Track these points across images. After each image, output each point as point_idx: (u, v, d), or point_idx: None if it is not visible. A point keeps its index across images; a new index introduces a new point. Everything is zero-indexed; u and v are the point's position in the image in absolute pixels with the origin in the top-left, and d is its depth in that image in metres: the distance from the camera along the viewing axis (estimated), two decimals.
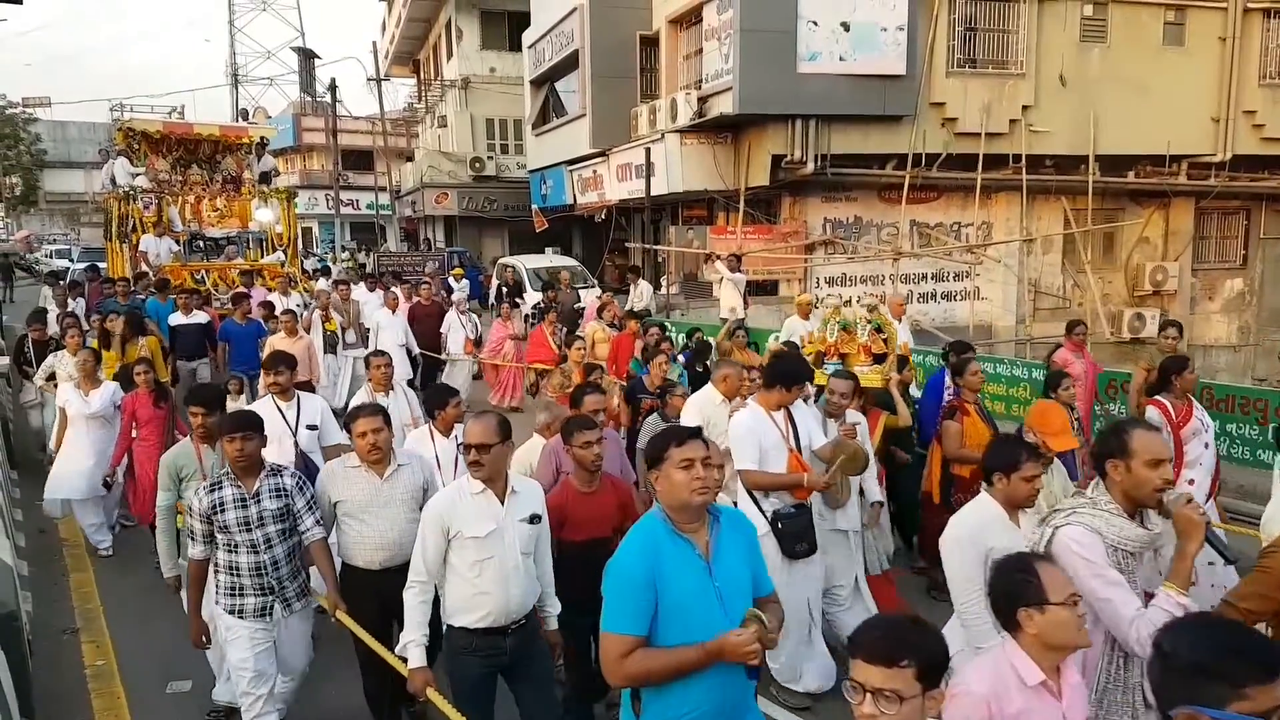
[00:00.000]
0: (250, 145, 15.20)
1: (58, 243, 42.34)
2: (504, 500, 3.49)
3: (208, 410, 4.75)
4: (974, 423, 5.75)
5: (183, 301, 10.51)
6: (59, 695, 4.88)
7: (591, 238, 23.07)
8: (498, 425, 3.47)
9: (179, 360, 10.21)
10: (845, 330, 6.36)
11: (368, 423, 4.08)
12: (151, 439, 6.41)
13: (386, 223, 31.01)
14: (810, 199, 15.68)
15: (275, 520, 3.97)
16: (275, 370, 5.64)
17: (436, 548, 3.44)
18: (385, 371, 6.19)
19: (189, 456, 4.71)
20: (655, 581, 2.55)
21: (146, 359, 7.17)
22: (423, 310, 12.16)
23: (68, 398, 6.95)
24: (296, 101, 39.70)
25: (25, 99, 48.45)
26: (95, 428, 6.88)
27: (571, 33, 19.32)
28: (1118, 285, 17.28)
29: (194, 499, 3.93)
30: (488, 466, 3.41)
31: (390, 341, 10.83)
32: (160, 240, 13.68)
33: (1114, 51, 15.87)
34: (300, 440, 5.47)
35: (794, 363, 5.04)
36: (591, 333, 10.73)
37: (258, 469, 4.00)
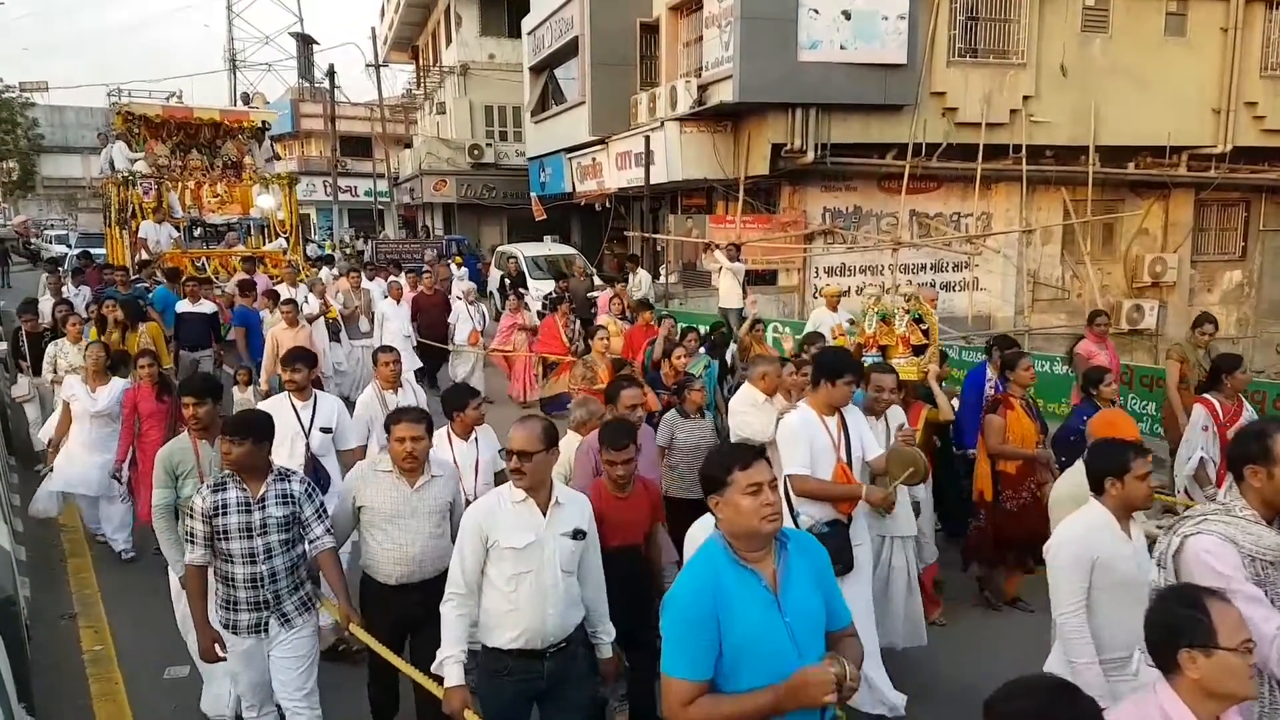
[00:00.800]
0: (251, 129, 15.00)
1: (56, 228, 42.23)
2: (546, 511, 3.29)
3: (198, 400, 4.49)
4: (1018, 418, 5.61)
5: (190, 289, 10.24)
6: (57, 680, 4.90)
7: (590, 226, 23.02)
8: (542, 431, 3.27)
9: (182, 349, 9.96)
10: (884, 321, 6.12)
11: (409, 429, 3.87)
12: (154, 433, 6.15)
13: (385, 210, 30.96)
14: (810, 188, 15.65)
15: (279, 529, 3.73)
16: (293, 367, 5.31)
17: (475, 557, 3.25)
18: (394, 369, 5.89)
19: (186, 452, 4.46)
20: (718, 618, 2.32)
21: (150, 350, 6.82)
22: (427, 300, 11.93)
23: (74, 392, 6.60)
24: (295, 87, 39.51)
25: (23, 83, 48.22)
26: (100, 425, 6.60)
27: (571, 19, 19.24)
28: (1117, 276, 17.28)
29: (195, 497, 3.73)
30: (530, 475, 3.23)
31: (396, 332, 10.72)
32: (160, 226, 13.51)
33: (1115, 42, 15.81)
34: (313, 443, 5.20)
35: (839, 355, 4.68)
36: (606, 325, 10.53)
37: (264, 472, 3.76)
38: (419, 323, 11.50)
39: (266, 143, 15.78)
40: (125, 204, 13.60)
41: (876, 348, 6.17)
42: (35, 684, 4.55)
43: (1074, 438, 5.67)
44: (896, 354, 6.07)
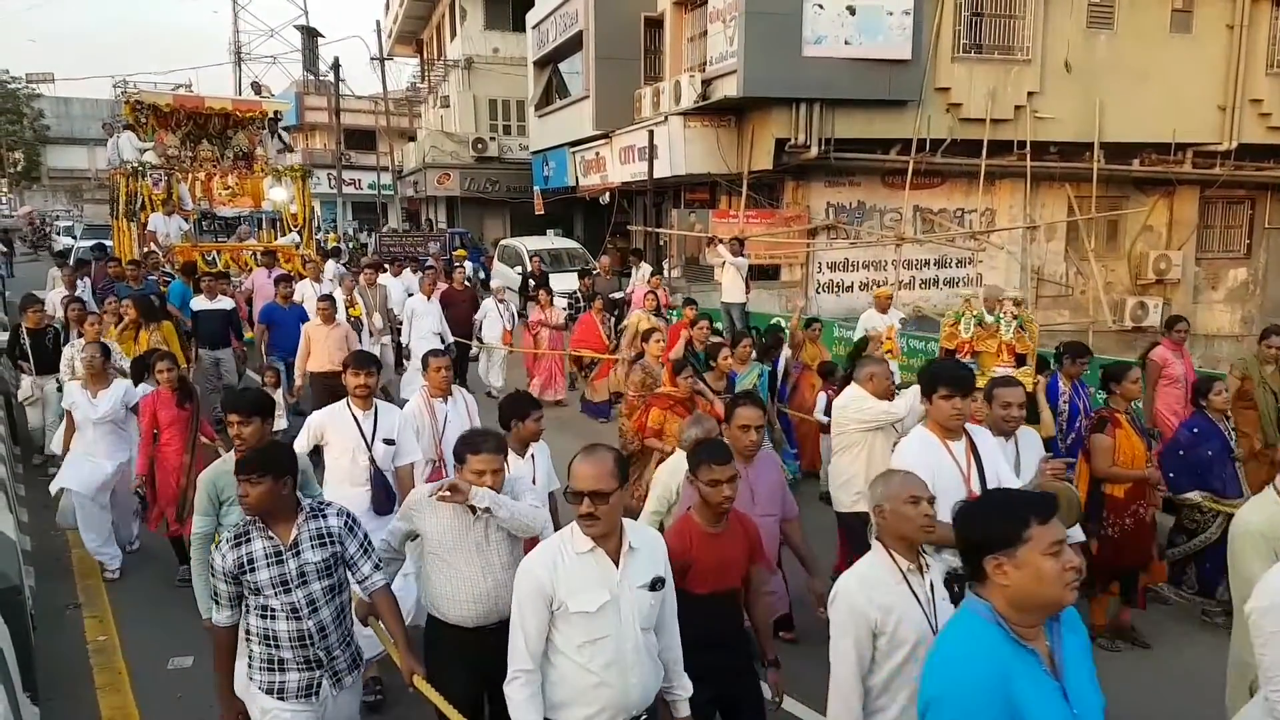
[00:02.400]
0: (263, 119, 14.62)
1: (61, 219, 42.30)
2: (619, 561, 2.77)
3: (244, 418, 3.95)
4: (1127, 435, 5.11)
5: (208, 285, 9.78)
6: (62, 670, 4.91)
7: (593, 220, 23.02)
8: (615, 466, 2.76)
9: (200, 348, 9.51)
10: (981, 325, 5.62)
11: (487, 462, 3.33)
12: (174, 443, 5.75)
13: (389, 203, 30.94)
14: (813, 183, 15.64)
15: (320, 575, 3.18)
16: (365, 370, 4.75)
17: (539, 624, 2.73)
18: (446, 375, 5.30)
19: (231, 476, 3.83)
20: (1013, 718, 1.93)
21: (168, 353, 6.32)
22: (456, 295, 11.42)
23: (74, 400, 6.11)
24: (299, 80, 39.50)
25: (29, 74, 48.38)
26: (104, 433, 6.07)
27: (576, 13, 19.21)
28: (1121, 274, 17.25)
29: (215, 555, 3.20)
30: (605, 520, 2.69)
31: (427, 330, 10.28)
32: (170, 219, 13.10)
33: (1120, 38, 15.77)
34: (376, 455, 4.73)
35: (942, 365, 4.10)
36: (636, 322, 10.00)
37: (291, 512, 3.21)
38: (446, 317, 10.83)
39: (279, 134, 15.47)
40: (134, 195, 13.17)
41: (970, 353, 5.62)
42: (40, 673, 4.58)
43: (1183, 452, 5.30)
44: (997, 362, 5.53)
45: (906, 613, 2.65)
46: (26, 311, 8.47)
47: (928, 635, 2.59)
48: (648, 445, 5.95)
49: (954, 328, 5.52)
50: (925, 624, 2.64)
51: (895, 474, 2.90)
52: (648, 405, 6.16)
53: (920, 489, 2.75)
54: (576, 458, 2.77)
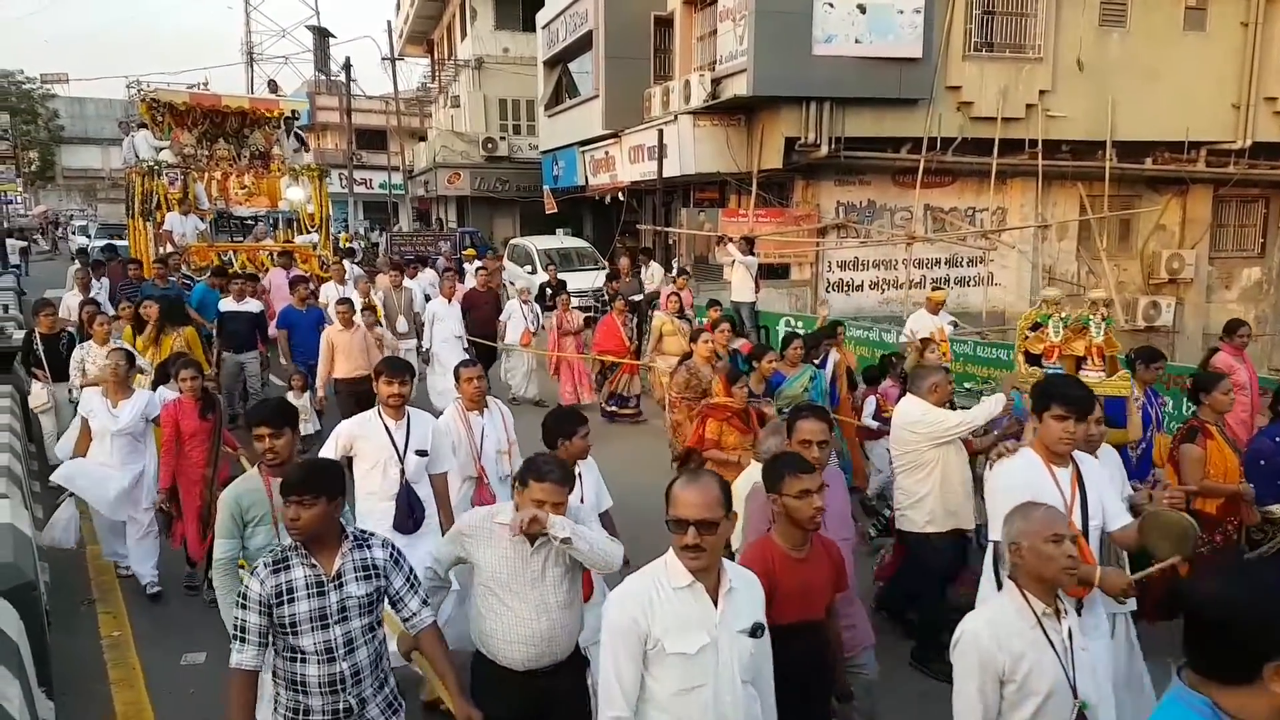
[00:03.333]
0: (280, 119, 14.45)
1: (75, 218, 42.58)
2: (718, 600, 2.52)
3: (275, 430, 3.65)
4: (1219, 448, 4.86)
5: (237, 288, 9.50)
6: (76, 665, 4.94)
7: (602, 219, 23.03)
8: (721, 491, 2.53)
9: (226, 351, 9.29)
10: (1070, 327, 5.28)
11: (550, 492, 3.05)
12: (196, 455, 5.48)
13: (399, 202, 31.04)
14: (823, 182, 15.61)
15: (362, 612, 2.90)
16: (400, 378, 4.51)
17: (634, 665, 2.47)
18: (479, 386, 5.10)
19: (257, 494, 3.67)
20: None
21: (192, 360, 5.98)
22: (479, 297, 11.17)
23: (92, 407, 5.76)
24: (311, 80, 39.65)
25: (44, 75, 48.73)
26: (122, 445, 5.75)
27: (585, 13, 19.23)
28: (1133, 273, 17.15)
29: (251, 581, 2.84)
30: (710, 552, 2.47)
31: (449, 333, 10.15)
32: (186, 219, 12.89)
33: (1133, 36, 15.67)
34: (408, 468, 4.49)
35: (1058, 380, 3.67)
36: (659, 324, 9.97)
37: (336, 540, 2.91)
38: (469, 320, 10.72)
39: (295, 133, 15.27)
40: (150, 195, 13.01)
41: (1059, 358, 5.28)
42: (54, 668, 4.60)
43: (1264, 461, 5.03)
44: (1086, 366, 5.21)
45: (1040, 661, 2.47)
46: (39, 315, 8.21)
47: (1063, 686, 2.46)
48: (708, 457, 5.83)
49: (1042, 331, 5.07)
50: (1060, 674, 2.48)
51: (1036, 508, 2.65)
52: (704, 416, 5.96)
53: (1063, 526, 2.55)
54: (678, 483, 2.57)
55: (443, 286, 10.79)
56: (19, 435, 7.77)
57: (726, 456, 5.72)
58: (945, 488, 4.74)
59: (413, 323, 10.56)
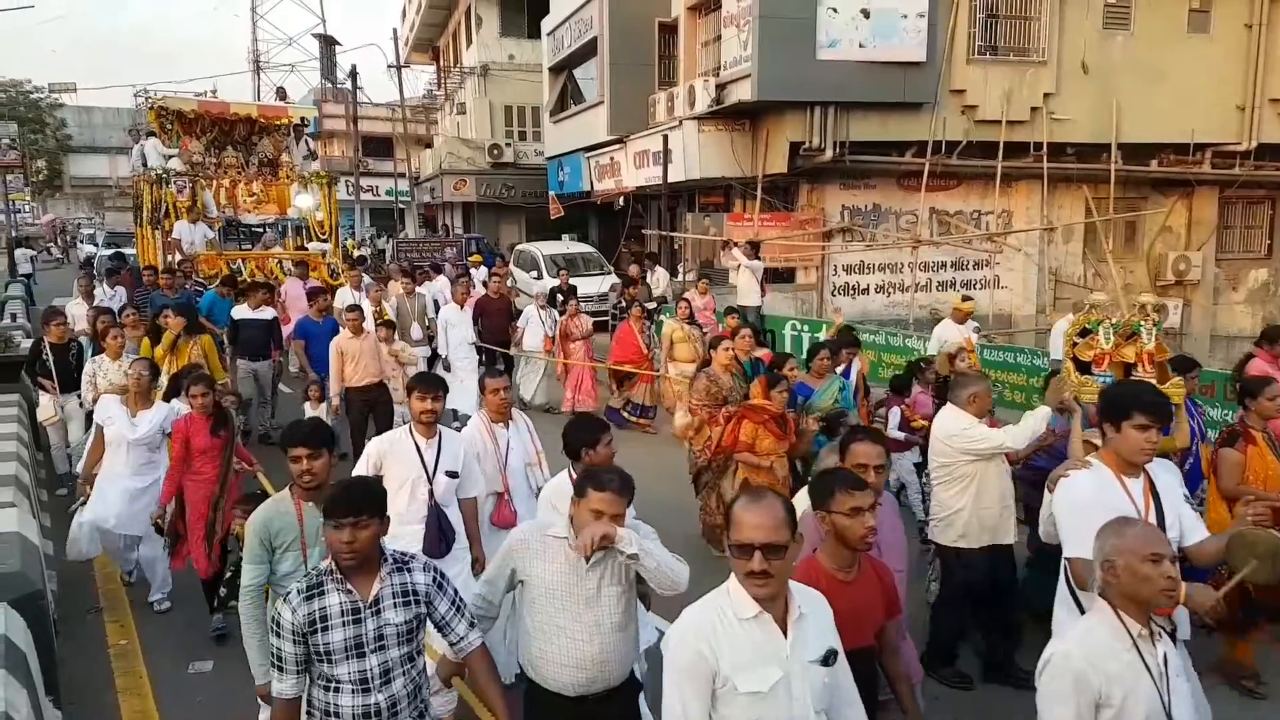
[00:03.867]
0: (288, 126, 14.41)
1: (84, 226, 42.80)
2: (788, 630, 2.35)
3: (313, 451, 3.44)
4: (1261, 454, 4.72)
5: (258, 299, 9.41)
6: (83, 673, 4.96)
7: (608, 224, 23.08)
8: (787, 512, 2.36)
9: (240, 359, 9.24)
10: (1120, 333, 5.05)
11: (610, 503, 2.85)
12: (206, 471, 5.32)
13: (406, 209, 31.13)
14: (828, 186, 15.62)
15: (400, 640, 2.75)
16: (432, 394, 4.31)
17: (701, 705, 2.31)
18: (505, 397, 4.88)
19: (287, 517, 3.50)
20: None
21: (205, 375, 5.79)
22: (492, 304, 11.07)
23: (110, 414, 5.66)
24: (317, 88, 39.83)
25: (51, 84, 49.05)
26: (138, 455, 5.70)
27: (590, 19, 19.29)
28: (1140, 275, 17.09)
29: (283, 609, 2.70)
30: (778, 579, 2.31)
31: (461, 339, 10.10)
32: (194, 226, 12.86)
33: (1137, 38, 15.66)
34: (437, 489, 4.30)
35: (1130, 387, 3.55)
36: (669, 332, 9.82)
37: (375, 564, 2.75)
38: (481, 326, 10.65)
39: (305, 140, 15.14)
40: (158, 203, 12.94)
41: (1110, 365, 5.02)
42: (62, 677, 4.62)
43: None
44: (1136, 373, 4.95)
45: (1136, 686, 2.36)
46: (49, 325, 8.05)
47: (1158, 714, 2.35)
48: (740, 460, 5.69)
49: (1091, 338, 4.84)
50: (1157, 700, 2.36)
51: (1131, 525, 2.52)
52: (740, 417, 5.82)
53: (1163, 545, 2.44)
54: (739, 504, 2.37)
55: (455, 293, 10.71)
56: (26, 444, 7.78)
57: (759, 461, 5.60)
58: (980, 503, 4.63)
59: (425, 330, 10.49)
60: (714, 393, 6.54)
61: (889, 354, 11.18)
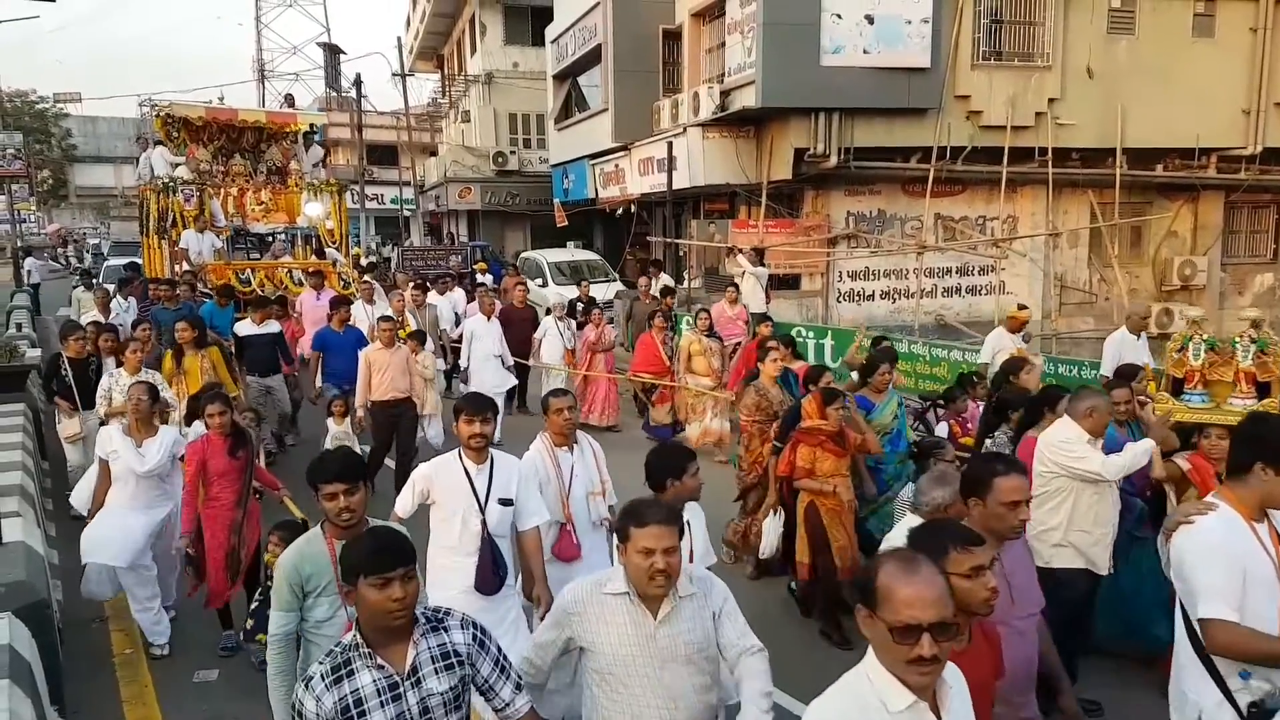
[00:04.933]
0: (297, 133, 14.18)
1: (89, 236, 42.94)
2: (941, 713, 2.01)
3: (350, 487, 3.15)
4: None
5: (263, 314, 9.11)
6: (88, 683, 4.93)
7: (613, 231, 23.09)
8: (945, 580, 2.02)
9: (250, 376, 8.90)
10: (1214, 350, 4.86)
11: (660, 536, 2.57)
12: (226, 496, 5.05)
13: (411, 217, 31.20)
14: (833, 192, 15.61)
15: (448, 709, 2.44)
16: (481, 416, 3.98)
17: None
18: (570, 418, 4.48)
19: (320, 560, 3.17)
20: None
21: (220, 394, 5.45)
22: (516, 314, 10.87)
23: (114, 446, 5.20)
24: (322, 97, 40.00)
25: (57, 94, 49.33)
26: (148, 487, 5.29)
27: (594, 27, 19.33)
28: (1145, 280, 17.06)
29: (303, 699, 2.34)
30: (944, 662, 1.97)
31: (487, 352, 9.82)
32: (202, 236, 12.54)
33: (1142, 43, 15.65)
34: (490, 519, 3.96)
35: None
36: (686, 344, 9.44)
37: (407, 626, 2.42)
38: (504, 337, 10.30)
39: (315, 147, 14.88)
40: (165, 212, 12.71)
41: (1202, 383, 4.76)
42: (67, 686, 4.61)
43: None
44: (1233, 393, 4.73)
45: None
46: (68, 339, 7.68)
47: None
48: (800, 487, 5.40)
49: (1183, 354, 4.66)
50: None
51: None
52: (794, 441, 5.45)
53: None
54: (890, 573, 1.95)
55: (481, 303, 10.41)
56: (32, 453, 7.76)
57: (821, 485, 5.32)
58: (1074, 525, 4.38)
59: (438, 341, 10.22)
60: (764, 407, 6.20)
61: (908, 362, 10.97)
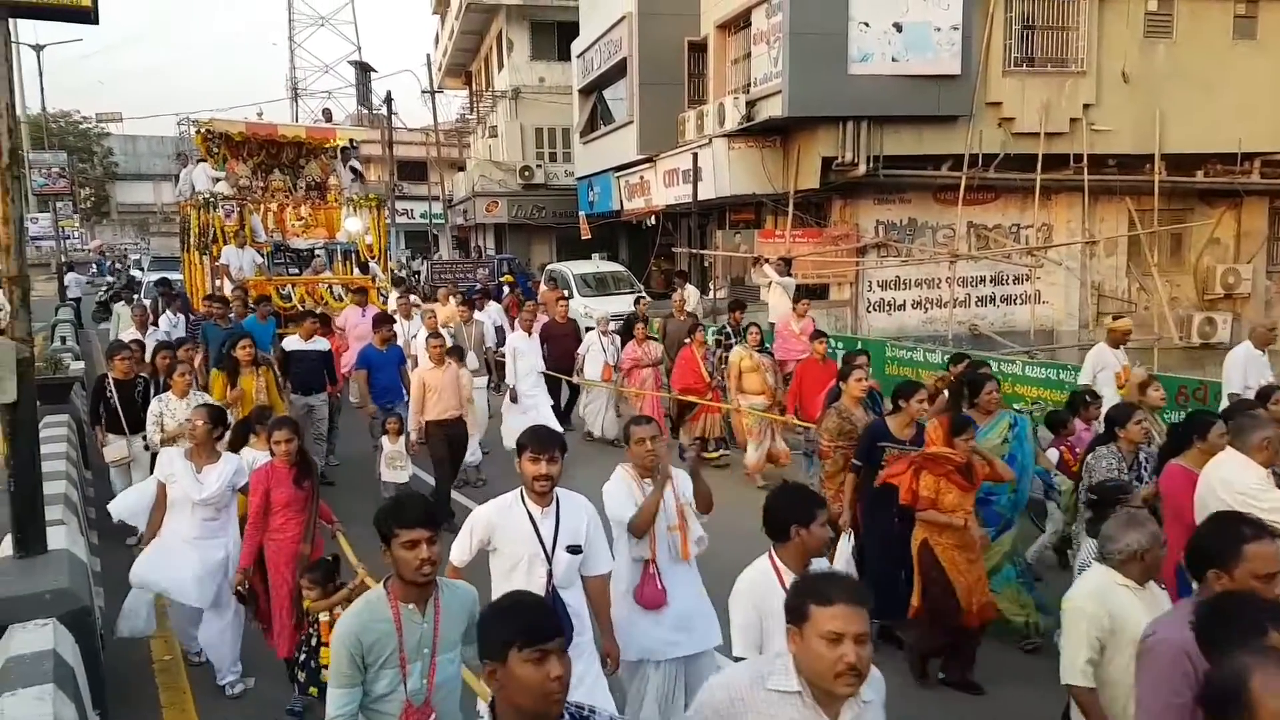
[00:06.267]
0: (336, 149, 14.16)
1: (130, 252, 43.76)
2: None
3: (434, 535, 2.74)
4: None
5: (307, 328, 8.88)
6: (128, 688, 5.02)
7: (638, 243, 23.13)
8: None
9: (294, 394, 8.65)
10: None
11: (851, 619, 2.14)
12: (289, 529, 4.74)
13: (439, 231, 31.48)
14: (862, 201, 15.47)
15: None
16: (548, 455, 3.49)
17: None
18: (652, 448, 3.96)
19: (383, 626, 2.74)
20: None
21: (288, 419, 5.18)
22: (558, 329, 10.64)
23: (173, 471, 4.93)
24: (353, 114, 40.56)
25: (99, 114, 50.57)
26: (204, 516, 4.96)
27: (620, 41, 19.41)
28: (1186, 288, 16.69)
29: None
30: None
31: (530, 368, 9.57)
32: (243, 251, 12.40)
33: (1180, 47, 15.35)
34: (557, 569, 3.54)
35: None
36: (737, 360, 8.91)
37: None
38: (546, 352, 10.11)
39: (352, 162, 14.82)
40: (206, 227, 12.62)
41: None
42: (108, 691, 4.68)
43: None
44: None
45: None
46: (113, 360, 7.38)
47: None
48: (922, 519, 4.96)
49: None
50: None
51: None
52: (917, 468, 4.96)
53: None
54: (1262, 678, 1.70)
55: (522, 318, 10.03)
56: (75, 462, 7.92)
57: (948, 519, 4.86)
58: None
59: (482, 358, 9.97)
60: (847, 431, 5.78)
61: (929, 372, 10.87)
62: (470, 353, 9.39)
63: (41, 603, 4.31)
